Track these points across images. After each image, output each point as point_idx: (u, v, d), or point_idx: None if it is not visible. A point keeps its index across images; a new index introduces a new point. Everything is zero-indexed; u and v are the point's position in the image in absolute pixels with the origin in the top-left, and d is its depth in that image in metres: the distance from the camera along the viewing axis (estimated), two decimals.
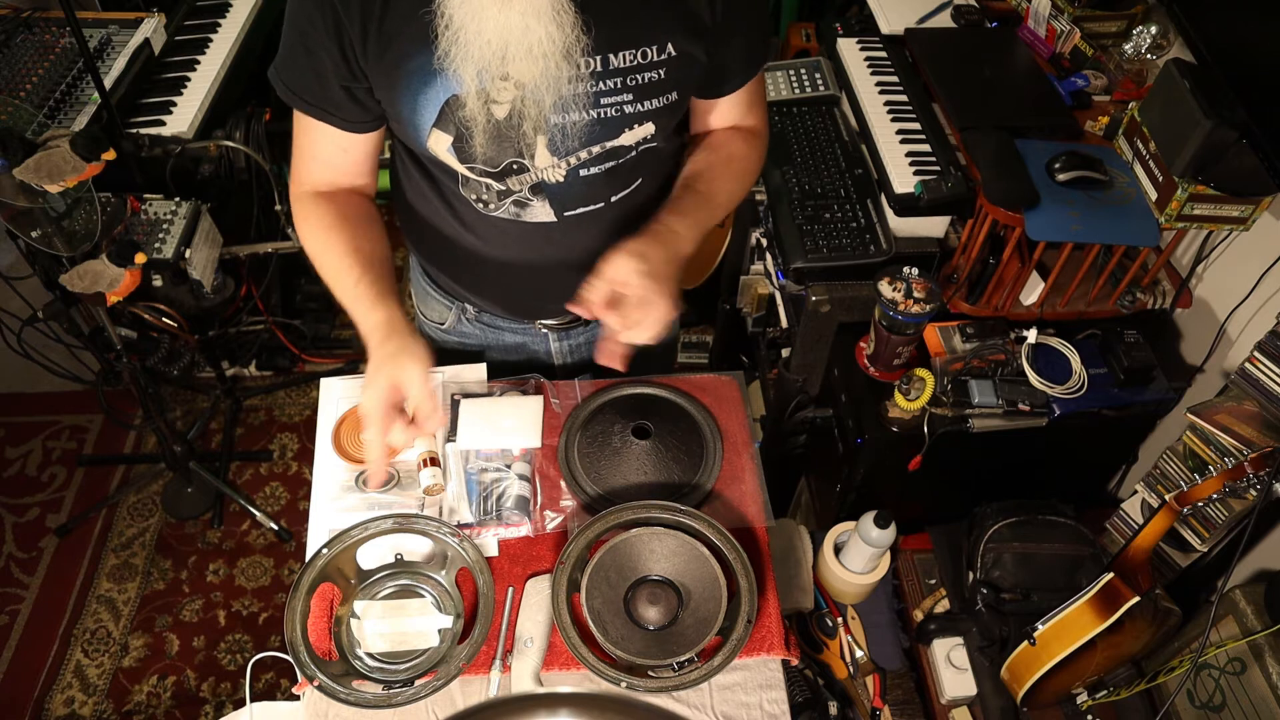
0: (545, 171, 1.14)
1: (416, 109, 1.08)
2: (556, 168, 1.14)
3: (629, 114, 1.10)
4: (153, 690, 2.19)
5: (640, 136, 1.14)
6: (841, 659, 1.42)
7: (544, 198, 1.18)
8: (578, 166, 1.14)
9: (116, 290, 1.79)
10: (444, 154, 1.12)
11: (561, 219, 1.21)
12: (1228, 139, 1.36)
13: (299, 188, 1.23)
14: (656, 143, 1.17)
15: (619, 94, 1.08)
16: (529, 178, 1.15)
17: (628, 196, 1.23)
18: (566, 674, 1.13)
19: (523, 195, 1.18)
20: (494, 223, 1.22)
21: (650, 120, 1.13)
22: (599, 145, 1.12)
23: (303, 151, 1.21)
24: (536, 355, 1.48)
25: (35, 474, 2.57)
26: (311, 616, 1.14)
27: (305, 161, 1.22)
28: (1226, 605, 1.33)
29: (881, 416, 1.55)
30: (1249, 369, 1.36)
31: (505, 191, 1.17)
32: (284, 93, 1.14)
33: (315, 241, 1.20)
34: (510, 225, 1.22)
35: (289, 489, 2.57)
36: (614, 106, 1.09)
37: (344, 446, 1.31)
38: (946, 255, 1.71)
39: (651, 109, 1.11)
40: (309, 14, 1.04)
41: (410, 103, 1.08)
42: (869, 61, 1.91)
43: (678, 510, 1.18)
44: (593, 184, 1.18)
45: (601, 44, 1.03)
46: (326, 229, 1.19)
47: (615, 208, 1.23)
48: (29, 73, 1.99)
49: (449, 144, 1.11)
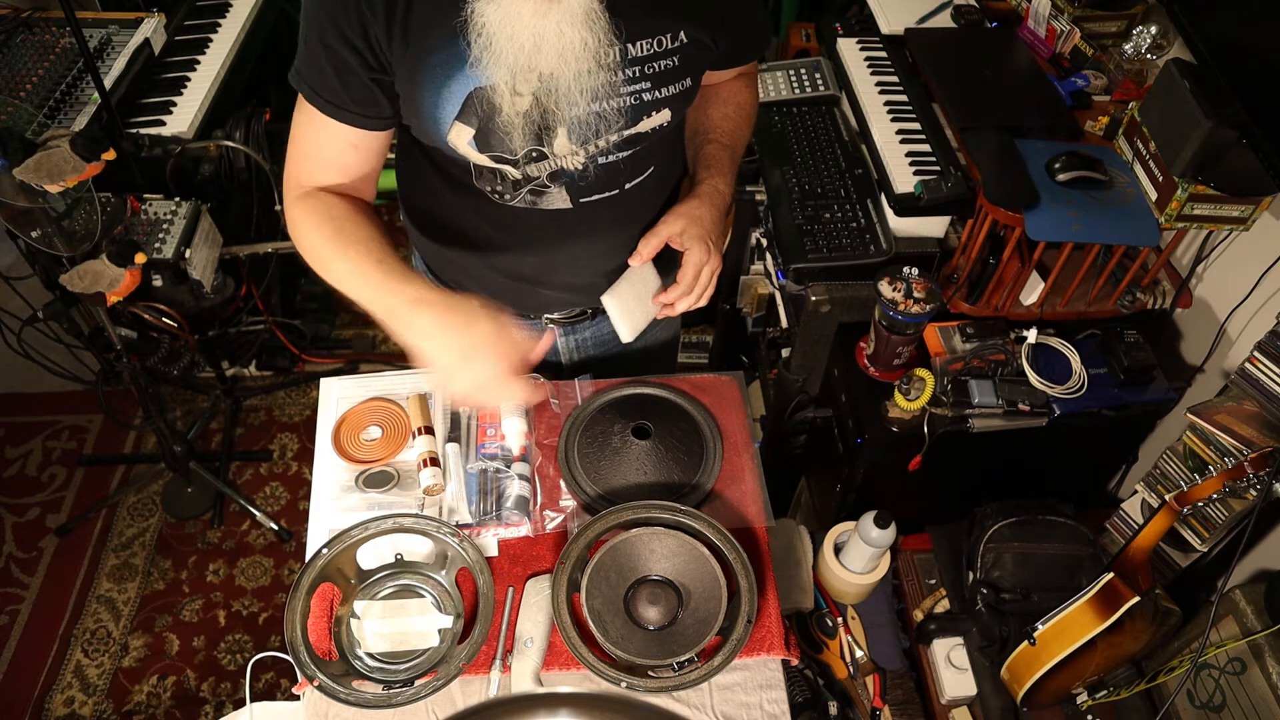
0: (564, 159, 1.15)
1: (439, 103, 1.08)
2: (576, 155, 1.15)
3: (647, 101, 1.12)
4: (153, 690, 2.19)
5: (657, 123, 1.16)
6: (841, 659, 1.42)
7: (561, 185, 1.19)
8: (597, 154, 1.16)
9: (116, 290, 1.78)
10: (464, 146, 1.12)
11: (577, 205, 1.22)
12: (1228, 139, 1.36)
13: (297, 190, 1.18)
14: (669, 129, 1.19)
15: (637, 82, 1.10)
16: (548, 165, 1.16)
17: (642, 183, 1.26)
18: (566, 674, 1.13)
19: (540, 183, 1.19)
20: (509, 212, 1.23)
21: (667, 107, 1.15)
22: (618, 134, 1.14)
23: (305, 152, 1.17)
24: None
25: (35, 474, 2.57)
26: (311, 616, 1.14)
27: (307, 161, 1.18)
28: (1226, 605, 1.33)
29: (881, 416, 1.55)
30: (1249, 369, 1.36)
31: (522, 180, 1.18)
32: (308, 94, 1.11)
33: (326, 229, 1.14)
34: (525, 214, 1.23)
35: (289, 489, 2.57)
36: (633, 95, 1.11)
37: (344, 446, 1.31)
38: (946, 255, 1.71)
39: (667, 95, 1.14)
40: (329, 10, 1.03)
41: (433, 96, 1.08)
42: (869, 61, 1.91)
43: (678, 510, 1.18)
44: (610, 171, 1.19)
45: (624, 33, 1.05)
46: (335, 219, 1.14)
47: (629, 194, 1.25)
48: (29, 73, 1.99)
49: (470, 137, 1.11)
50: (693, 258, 1.24)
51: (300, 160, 1.18)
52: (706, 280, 1.27)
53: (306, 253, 1.16)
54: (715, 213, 1.27)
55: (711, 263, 1.25)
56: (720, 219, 1.28)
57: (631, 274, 1.29)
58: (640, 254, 1.25)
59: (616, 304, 1.28)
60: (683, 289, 1.25)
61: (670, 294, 1.27)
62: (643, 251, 1.25)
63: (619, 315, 1.28)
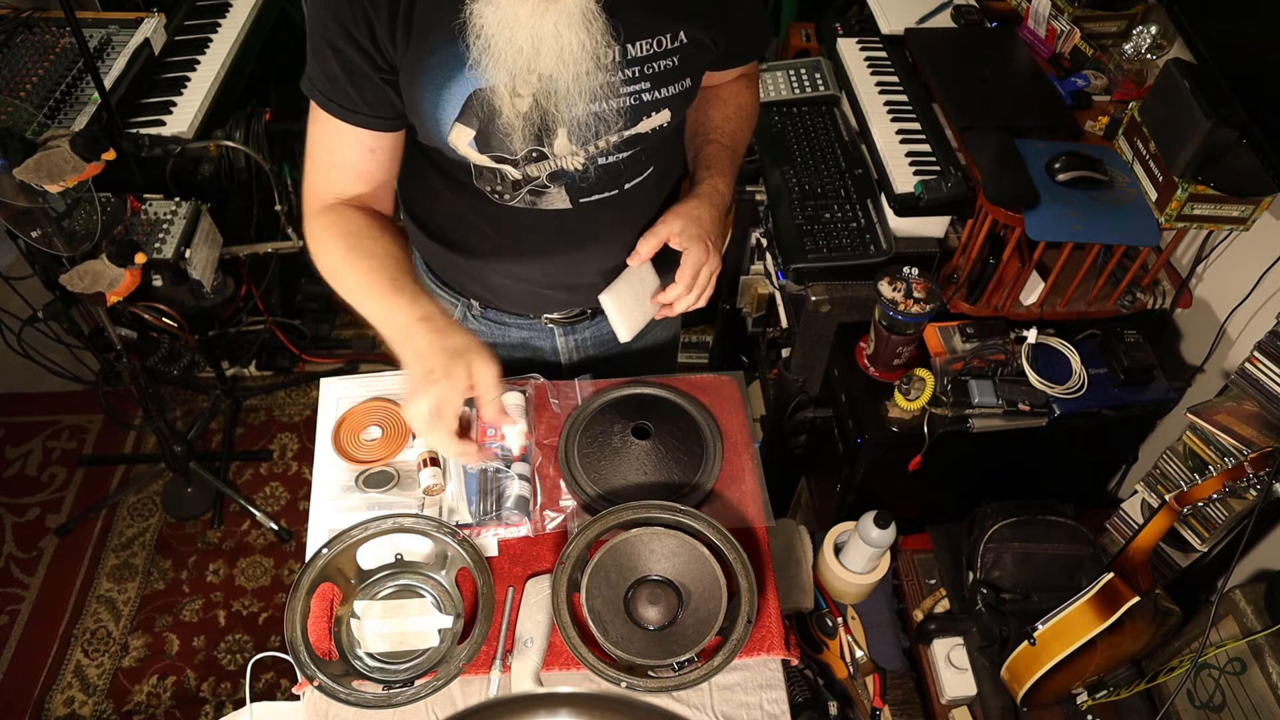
0: (564, 159, 1.15)
1: (440, 104, 1.08)
2: (576, 155, 1.15)
3: (647, 102, 1.13)
4: (153, 690, 2.19)
5: (657, 124, 1.16)
6: (841, 659, 1.42)
7: (561, 185, 1.19)
8: (597, 155, 1.16)
9: (116, 290, 1.78)
10: (464, 147, 1.13)
11: (577, 206, 1.22)
12: (1228, 139, 1.36)
13: (317, 204, 1.17)
14: (670, 129, 1.19)
15: (637, 83, 1.10)
16: (548, 165, 1.16)
17: (641, 183, 1.26)
18: (566, 674, 1.13)
19: (540, 183, 1.19)
20: (508, 212, 1.23)
21: (666, 107, 1.15)
22: (618, 134, 1.14)
23: (322, 162, 1.16)
24: (542, 351, 1.48)
25: (35, 474, 2.57)
26: (311, 616, 1.14)
27: (325, 171, 1.17)
28: (1226, 605, 1.33)
29: (881, 416, 1.55)
30: (1249, 369, 1.36)
31: (522, 180, 1.18)
32: (322, 102, 1.10)
33: (341, 244, 1.13)
34: (525, 214, 1.23)
35: (289, 489, 2.57)
36: (633, 95, 1.11)
37: (344, 446, 1.31)
38: (946, 255, 1.71)
39: (667, 96, 1.14)
40: (335, 13, 1.03)
41: (434, 98, 1.08)
42: (869, 61, 1.91)
43: (678, 510, 1.18)
44: (610, 171, 1.19)
45: (620, 35, 1.05)
46: (353, 234, 1.14)
47: (628, 194, 1.25)
48: (29, 73, 1.99)
49: (471, 138, 1.11)
50: (691, 257, 1.23)
51: (318, 171, 1.17)
52: (706, 280, 1.26)
53: (322, 268, 1.16)
54: (714, 213, 1.27)
55: (710, 263, 1.25)
56: (719, 219, 1.28)
57: (630, 273, 1.29)
58: (639, 253, 1.25)
59: (614, 303, 1.28)
60: (681, 289, 1.25)
61: (669, 294, 1.26)
62: (641, 251, 1.24)
63: (617, 314, 1.28)
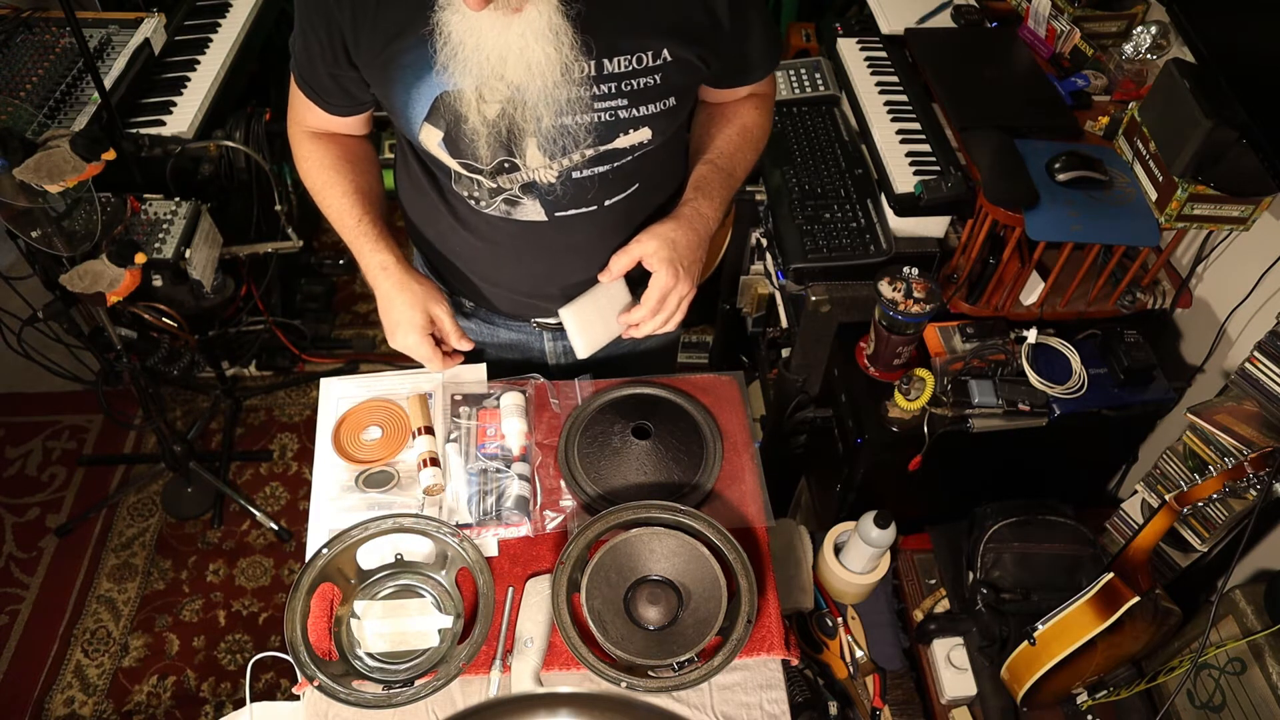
0: (536, 171, 1.14)
1: (409, 102, 1.09)
2: (548, 168, 1.14)
3: (624, 119, 1.10)
4: (153, 690, 2.19)
5: (636, 141, 1.14)
6: (841, 659, 1.42)
7: (534, 197, 1.18)
8: (570, 169, 1.14)
9: (116, 290, 1.78)
10: (435, 148, 1.13)
11: (552, 219, 1.21)
12: (1228, 139, 1.36)
13: (296, 127, 1.29)
14: (654, 148, 1.17)
15: (613, 99, 1.09)
16: (520, 176, 1.15)
17: (623, 201, 1.23)
18: (566, 674, 1.13)
19: (513, 194, 1.18)
20: (487, 219, 1.23)
21: (646, 125, 1.13)
22: (592, 149, 1.12)
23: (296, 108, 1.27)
24: (532, 353, 1.48)
25: (35, 474, 2.57)
26: (311, 616, 1.14)
27: (299, 111, 1.27)
28: (1226, 605, 1.33)
29: (881, 416, 1.55)
30: (1249, 369, 1.36)
31: (496, 189, 1.18)
32: (293, 67, 1.20)
33: (316, 178, 1.27)
34: (502, 223, 1.23)
35: (289, 489, 2.57)
36: (609, 111, 1.09)
37: (344, 446, 1.31)
38: (946, 255, 1.71)
39: (648, 114, 1.11)
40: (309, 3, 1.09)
41: (403, 95, 1.09)
42: (869, 61, 1.91)
43: (678, 510, 1.18)
44: (586, 186, 1.18)
45: (596, 49, 1.03)
46: (327, 168, 1.26)
47: (610, 211, 1.23)
48: (29, 73, 1.99)
49: (439, 139, 1.11)
50: (658, 281, 1.20)
51: (294, 104, 1.27)
52: (674, 306, 1.23)
53: (309, 185, 1.30)
54: (693, 237, 1.22)
55: (679, 289, 1.21)
56: (698, 244, 1.24)
57: (597, 290, 1.27)
58: (610, 270, 1.23)
59: (574, 319, 1.26)
60: (644, 312, 1.23)
61: (633, 315, 1.24)
62: (613, 268, 1.23)
63: (575, 330, 1.27)
